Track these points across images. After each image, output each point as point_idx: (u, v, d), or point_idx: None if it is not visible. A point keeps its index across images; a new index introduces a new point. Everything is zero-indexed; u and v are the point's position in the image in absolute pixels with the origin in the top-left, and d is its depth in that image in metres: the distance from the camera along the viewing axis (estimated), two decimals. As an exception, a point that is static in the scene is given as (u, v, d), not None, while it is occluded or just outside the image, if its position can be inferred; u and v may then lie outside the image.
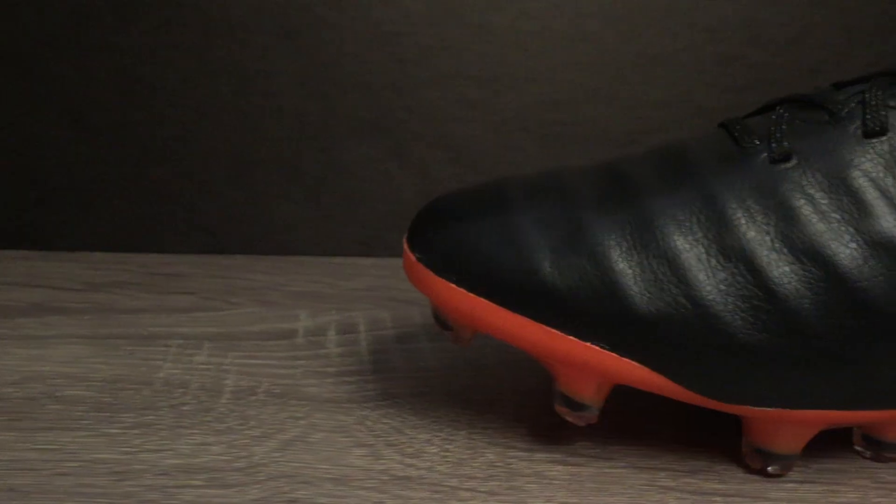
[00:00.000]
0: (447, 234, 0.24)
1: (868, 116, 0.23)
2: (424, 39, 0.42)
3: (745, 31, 0.43)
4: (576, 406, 0.24)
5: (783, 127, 0.24)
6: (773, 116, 0.24)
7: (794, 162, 0.23)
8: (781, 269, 0.22)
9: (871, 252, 0.22)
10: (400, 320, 0.35)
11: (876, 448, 0.25)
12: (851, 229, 0.22)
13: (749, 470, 0.25)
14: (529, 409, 0.28)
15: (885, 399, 0.23)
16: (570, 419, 0.25)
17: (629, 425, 0.27)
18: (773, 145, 0.23)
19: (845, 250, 0.22)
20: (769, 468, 0.24)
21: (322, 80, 0.42)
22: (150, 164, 0.42)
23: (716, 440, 0.26)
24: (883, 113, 0.23)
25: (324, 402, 0.28)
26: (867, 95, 0.23)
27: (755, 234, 0.22)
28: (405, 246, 0.26)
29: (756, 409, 0.23)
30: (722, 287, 0.22)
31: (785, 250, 0.22)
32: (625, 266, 0.23)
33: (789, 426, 0.24)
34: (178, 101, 0.42)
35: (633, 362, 0.23)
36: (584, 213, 0.24)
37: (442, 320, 0.26)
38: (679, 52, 0.43)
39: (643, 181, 0.24)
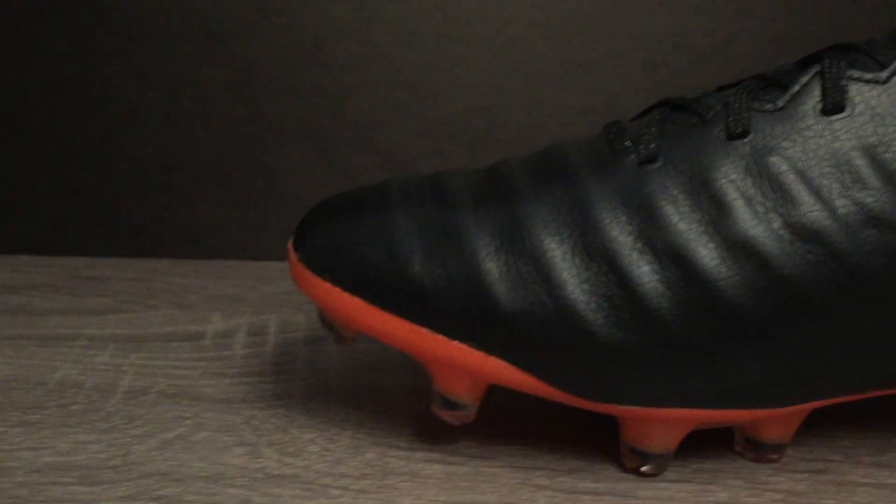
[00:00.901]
0: (326, 235, 0.25)
1: (731, 119, 0.23)
2: (351, 46, 0.42)
3: (671, 38, 0.43)
4: (451, 405, 0.25)
5: (653, 129, 0.24)
6: (647, 119, 0.25)
7: (659, 163, 0.23)
8: (642, 269, 0.22)
9: (729, 253, 0.22)
10: (313, 323, 0.35)
11: (756, 449, 0.26)
12: (711, 230, 0.23)
13: (625, 469, 0.25)
14: (421, 410, 0.28)
15: (751, 398, 0.24)
16: (446, 419, 0.25)
17: (516, 425, 0.27)
18: (641, 147, 0.24)
19: (704, 251, 0.22)
20: (643, 468, 0.25)
21: (249, 86, 0.43)
22: (76, 168, 0.43)
23: (600, 439, 0.27)
24: (745, 116, 0.23)
25: (216, 402, 0.28)
26: (732, 99, 0.24)
27: (618, 234, 0.23)
28: (289, 247, 0.26)
29: (623, 407, 0.23)
30: (585, 286, 0.23)
31: (646, 250, 0.23)
32: (492, 265, 0.23)
33: (659, 425, 0.24)
34: (105, 105, 0.42)
35: (501, 361, 0.23)
36: (458, 215, 0.24)
37: (325, 320, 0.26)
38: (605, 59, 0.43)
39: (519, 183, 0.25)
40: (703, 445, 0.27)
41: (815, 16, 0.43)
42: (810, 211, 0.22)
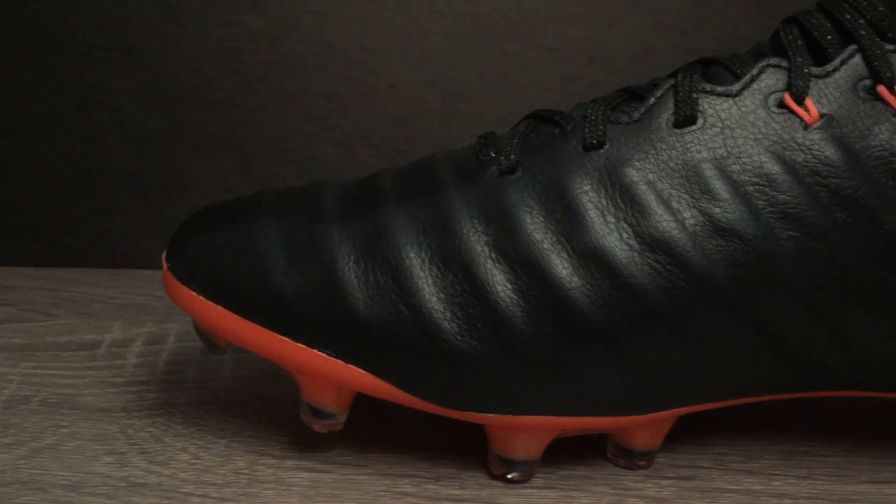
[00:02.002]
0: (193, 245, 0.25)
1: (587, 131, 0.24)
2: (267, 56, 0.43)
3: (587, 51, 0.44)
4: (319, 414, 0.25)
5: (515, 141, 0.24)
6: (513, 130, 0.25)
7: (518, 174, 0.24)
8: (496, 278, 0.23)
9: (581, 262, 0.23)
10: (215, 332, 0.35)
11: (625, 455, 0.26)
12: (564, 240, 0.23)
13: (493, 476, 0.25)
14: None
15: (610, 406, 0.24)
16: (315, 427, 0.25)
17: (393, 432, 0.28)
18: (502, 158, 0.24)
19: (557, 260, 0.23)
20: (509, 475, 0.25)
21: (165, 96, 0.43)
22: (-9, 177, 0.42)
23: (475, 446, 0.27)
24: (601, 128, 0.24)
25: (95, 412, 0.28)
26: (589, 111, 0.24)
27: (474, 244, 0.23)
28: (163, 256, 0.26)
29: (482, 415, 0.24)
30: (441, 295, 0.23)
31: (501, 259, 0.23)
32: (351, 274, 0.23)
33: (522, 432, 0.24)
34: (19, 114, 0.42)
35: (360, 370, 0.23)
36: (324, 225, 0.24)
37: (197, 329, 0.26)
38: (521, 72, 0.43)
39: (387, 194, 0.25)
40: (577, 452, 0.27)
41: (731, 30, 0.43)
42: (659, 222, 0.23)
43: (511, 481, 0.25)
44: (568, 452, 0.27)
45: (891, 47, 0.23)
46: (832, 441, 0.28)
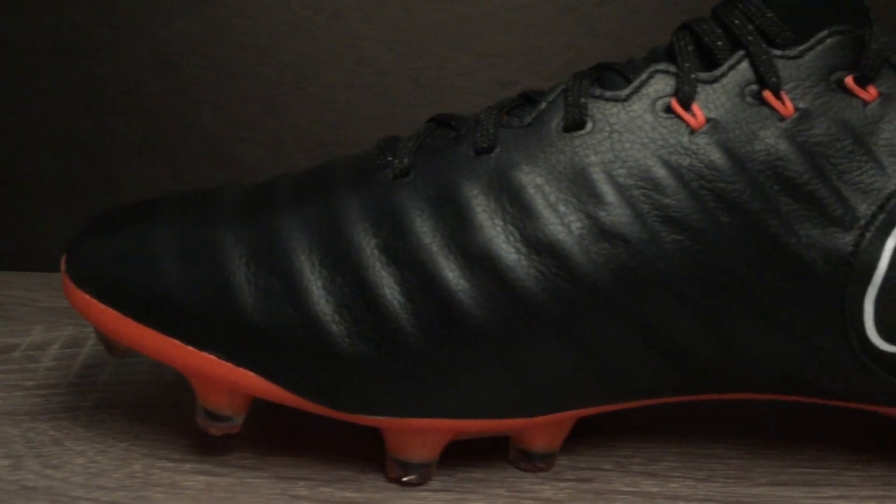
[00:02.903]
0: (89, 248, 0.25)
1: (478, 135, 0.24)
2: (200, 60, 0.43)
3: (520, 57, 0.44)
4: (213, 417, 0.25)
5: (410, 144, 0.25)
6: (411, 134, 0.25)
7: (411, 177, 0.24)
8: (385, 281, 0.23)
9: (469, 265, 0.23)
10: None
11: (525, 458, 0.26)
12: (452, 243, 0.23)
13: (389, 479, 0.25)
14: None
15: (503, 408, 0.24)
16: (211, 430, 0.25)
17: (294, 434, 0.27)
18: (396, 161, 0.24)
19: (445, 262, 0.23)
20: (405, 478, 0.25)
21: (97, 99, 0.42)
22: (-80, 180, 0.42)
23: (375, 449, 0.27)
24: (492, 131, 0.24)
25: (0, 415, 0.28)
26: (483, 115, 0.24)
27: (364, 247, 0.23)
28: (62, 259, 0.26)
29: (372, 418, 0.24)
30: (330, 298, 0.23)
31: (390, 262, 0.23)
32: (241, 277, 0.23)
33: (416, 435, 0.24)
34: (-53, 117, 0.42)
35: (250, 373, 0.23)
36: (218, 228, 0.24)
37: (96, 332, 0.26)
38: (455, 77, 0.44)
39: (284, 196, 0.25)
40: (478, 455, 0.27)
41: (662, 37, 0.44)
42: (546, 225, 0.23)
43: (407, 484, 0.25)
44: (468, 455, 0.27)
45: (777, 53, 0.23)
46: (739, 443, 0.28)
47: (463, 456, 0.27)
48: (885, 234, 0.22)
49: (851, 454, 0.28)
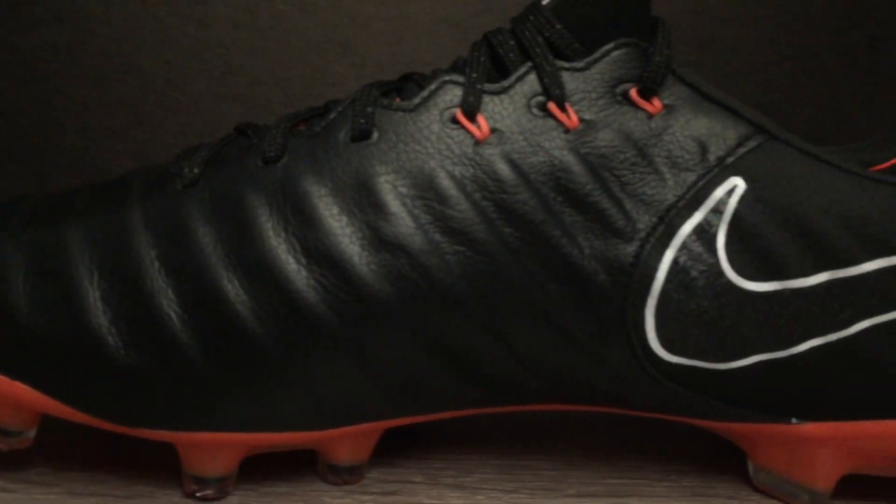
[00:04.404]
0: None
1: (266, 144, 0.24)
2: (65, 68, 0.42)
3: (393, 66, 0.44)
4: (2, 432, 0.24)
5: (203, 153, 0.24)
6: (209, 144, 0.25)
7: (198, 187, 0.24)
8: (163, 293, 0.22)
9: (249, 276, 0.22)
10: None
11: (333, 472, 0.26)
12: (233, 254, 0.23)
13: (186, 494, 0.25)
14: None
15: (293, 422, 0.24)
16: (1, 446, 0.24)
17: (97, 449, 0.27)
18: (186, 170, 0.24)
19: (224, 273, 0.22)
20: (199, 493, 0.24)
21: (-46, 107, 0.42)
22: None
23: (174, 464, 0.26)
24: (280, 140, 0.24)
25: None
26: (274, 124, 0.24)
27: (143, 257, 0.23)
28: None
29: (154, 432, 0.23)
30: (108, 310, 0.23)
31: (170, 272, 0.23)
32: (19, 289, 0.23)
33: (207, 449, 0.24)
34: None
35: (27, 386, 0.23)
36: (9, 237, 0.24)
37: None
38: (326, 87, 0.43)
39: (74, 207, 0.24)
40: (286, 468, 0.27)
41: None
42: (327, 236, 0.23)
43: (203, 499, 0.25)
44: (277, 468, 0.27)
45: (564, 65, 0.23)
46: (559, 454, 0.28)
47: (271, 469, 0.27)
48: (664, 246, 0.23)
49: (669, 465, 0.28)
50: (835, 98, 0.45)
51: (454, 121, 0.23)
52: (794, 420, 0.24)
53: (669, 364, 0.23)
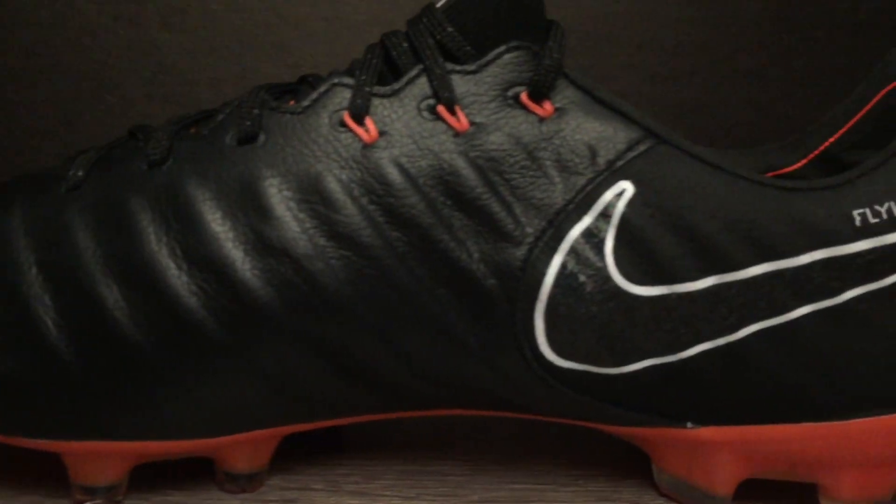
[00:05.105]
0: None
1: (150, 147, 0.23)
2: (-11, 68, 0.41)
3: (326, 67, 0.43)
4: None
5: (90, 155, 0.24)
6: (96, 148, 0.25)
7: (82, 191, 0.23)
8: (40, 297, 0.22)
9: (129, 282, 0.22)
10: None
11: (232, 480, 0.25)
12: (114, 260, 0.22)
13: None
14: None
15: (182, 430, 0.23)
16: None
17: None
18: (70, 174, 0.24)
19: (103, 279, 0.22)
20: (87, 503, 0.24)
21: None
22: None
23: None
24: (165, 143, 0.23)
25: None
26: (162, 127, 0.24)
27: (22, 262, 0.22)
28: None
29: (29, 440, 0.23)
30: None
31: (46, 278, 0.22)
32: None
33: (89, 459, 0.23)
34: None
35: None
36: None
37: None
38: (258, 88, 0.43)
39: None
40: (186, 476, 0.26)
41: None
42: (209, 241, 0.22)
43: (90, 509, 0.24)
44: (173, 476, 0.26)
45: (455, 68, 0.23)
46: (466, 459, 0.28)
47: (167, 477, 0.26)
48: (552, 250, 0.22)
49: (577, 470, 0.28)
50: (770, 99, 0.45)
51: (342, 124, 0.23)
52: (689, 425, 0.24)
53: (561, 369, 0.23)
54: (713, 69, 0.44)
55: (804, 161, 0.28)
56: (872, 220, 0.22)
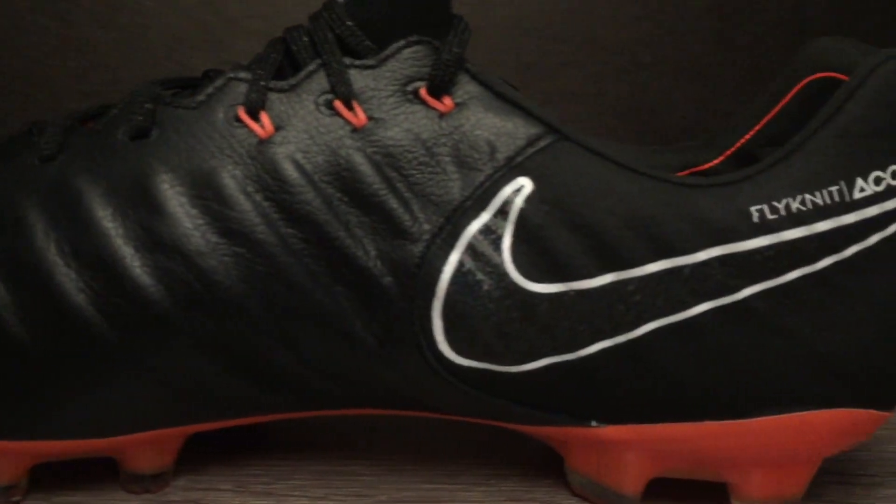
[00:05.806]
0: None
1: (43, 141, 0.23)
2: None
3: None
4: None
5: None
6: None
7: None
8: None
9: (16, 283, 0.22)
10: None
11: (136, 481, 0.25)
12: (7, 256, 0.22)
13: None
14: None
15: (77, 429, 0.23)
16: None
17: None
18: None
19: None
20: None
21: None
22: None
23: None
24: (58, 138, 0.23)
25: None
26: (53, 123, 0.23)
27: None
28: None
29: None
30: None
31: None
32: None
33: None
34: None
35: None
36: None
37: None
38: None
39: None
40: (90, 477, 0.26)
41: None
42: (98, 237, 0.22)
43: (-8, 508, 0.24)
44: (74, 476, 0.26)
45: (354, 62, 0.23)
46: (381, 459, 0.28)
47: (67, 477, 0.26)
48: (449, 247, 0.22)
49: (490, 469, 0.27)
50: (716, 97, 0.45)
51: (237, 119, 0.23)
52: (593, 423, 0.24)
53: (462, 367, 0.23)
54: (657, 67, 0.44)
55: (721, 158, 0.28)
56: (770, 217, 0.22)
